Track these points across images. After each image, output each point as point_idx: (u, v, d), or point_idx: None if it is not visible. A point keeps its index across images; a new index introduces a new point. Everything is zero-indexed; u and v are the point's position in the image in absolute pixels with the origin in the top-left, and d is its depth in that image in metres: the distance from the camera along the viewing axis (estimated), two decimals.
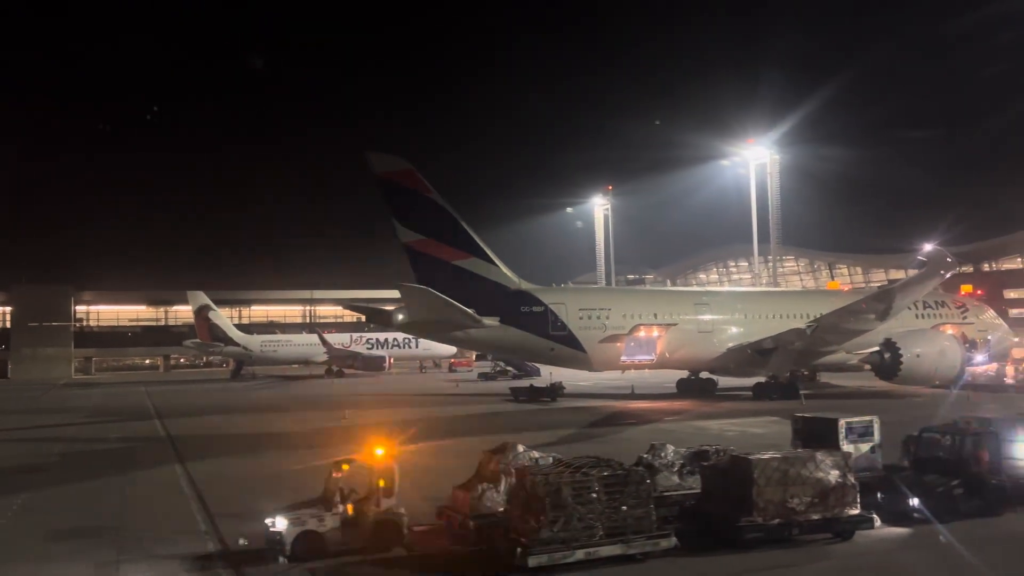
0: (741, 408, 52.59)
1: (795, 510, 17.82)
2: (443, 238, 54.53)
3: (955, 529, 19.06)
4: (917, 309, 65.91)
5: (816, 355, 59.10)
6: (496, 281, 55.82)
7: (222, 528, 21.08)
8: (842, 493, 18.20)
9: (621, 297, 60.42)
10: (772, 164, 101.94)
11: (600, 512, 16.54)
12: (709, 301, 61.77)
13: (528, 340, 55.61)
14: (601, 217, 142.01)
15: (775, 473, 17.88)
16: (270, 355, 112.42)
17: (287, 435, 43.28)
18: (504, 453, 20.17)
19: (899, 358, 55.25)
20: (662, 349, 58.26)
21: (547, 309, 55.74)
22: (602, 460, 17.70)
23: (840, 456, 18.70)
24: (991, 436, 20.85)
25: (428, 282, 53.64)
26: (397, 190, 53.92)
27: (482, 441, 38.33)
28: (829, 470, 18.23)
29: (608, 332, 56.76)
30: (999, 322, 69.74)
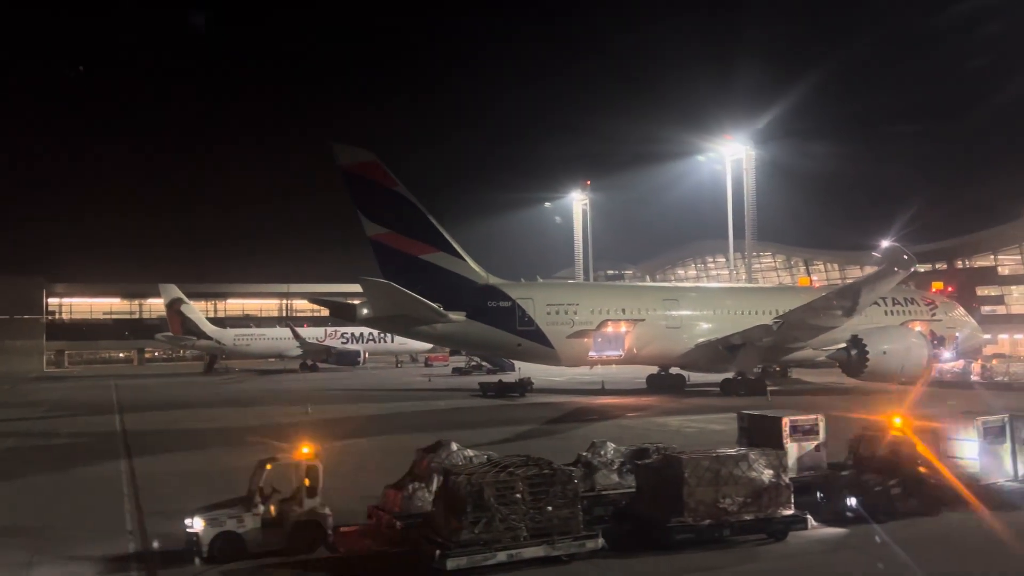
0: (706, 404, 52.38)
1: (727, 510, 17.48)
2: (409, 232, 53.88)
3: (891, 529, 18.81)
4: (887, 306, 66.09)
5: (785, 351, 59.08)
6: (463, 276, 55.26)
7: (150, 528, 20.49)
8: (776, 493, 17.88)
9: (589, 292, 60.07)
10: (748, 160, 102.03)
11: (524, 513, 16.11)
12: (678, 297, 61.60)
13: (495, 335, 55.14)
14: (579, 212, 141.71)
15: (707, 473, 17.53)
16: (243, 349, 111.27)
17: (245, 430, 42.58)
18: (437, 451, 19.71)
19: (866, 355, 55.27)
20: (630, 345, 57.98)
21: (514, 304, 55.27)
22: (532, 459, 17.28)
23: (774, 455, 18.37)
24: (927, 435, 20.62)
25: (394, 276, 52.96)
26: (362, 182, 53.19)
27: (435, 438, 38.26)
28: (762, 470, 17.91)
29: (576, 328, 56.39)
30: (967, 319, 70.03)
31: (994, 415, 21.78)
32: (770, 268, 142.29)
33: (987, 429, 21.20)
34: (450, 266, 54.90)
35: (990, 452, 21.21)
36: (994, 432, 21.33)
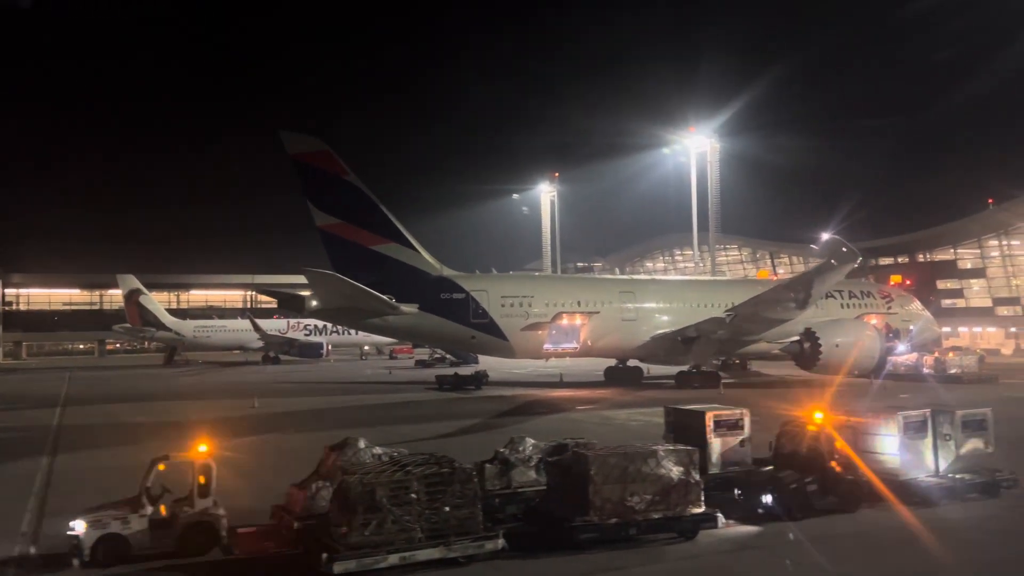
0: (659, 397, 51.99)
1: (634, 509, 17.02)
2: (360, 222, 53.00)
3: (805, 527, 18.50)
4: (842, 299, 66.46)
5: (739, 344, 59.10)
6: (417, 267, 54.54)
7: (47, 529, 19.60)
8: (685, 491, 17.45)
9: (544, 285, 59.53)
10: (712, 152, 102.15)
11: (419, 514, 15.52)
12: (634, 289, 61.29)
13: (448, 328, 54.50)
14: (547, 204, 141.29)
15: (614, 470, 17.05)
16: (203, 341, 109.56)
17: (184, 424, 41.52)
18: (344, 449, 19.03)
19: (818, 348, 55.38)
20: (586, 337, 57.62)
21: (468, 296, 54.66)
22: (433, 458, 16.68)
23: (684, 452, 17.93)
24: (848, 431, 20.32)
25: (344, 268, 52.15)
26: (312, 171, 52.22)
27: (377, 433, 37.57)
28: (672, 467, 17.47)
29: (530, 320, 55.93)
30: (923, 313, 70.55)
31: (915, 410, 21.53)
32: (736, 261, 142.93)
33: (908, 424, 20.94)
34: (403, 257, 54.15)
35: (911, 447, 20.96)
36: (915, 427, 21.08)
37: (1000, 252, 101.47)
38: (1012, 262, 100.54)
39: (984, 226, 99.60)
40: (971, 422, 21.48)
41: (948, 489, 20.54)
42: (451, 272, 56.21)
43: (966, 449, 21.33)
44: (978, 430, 21.53)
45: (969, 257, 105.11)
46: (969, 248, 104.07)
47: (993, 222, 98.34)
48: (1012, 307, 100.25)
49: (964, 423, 21.33)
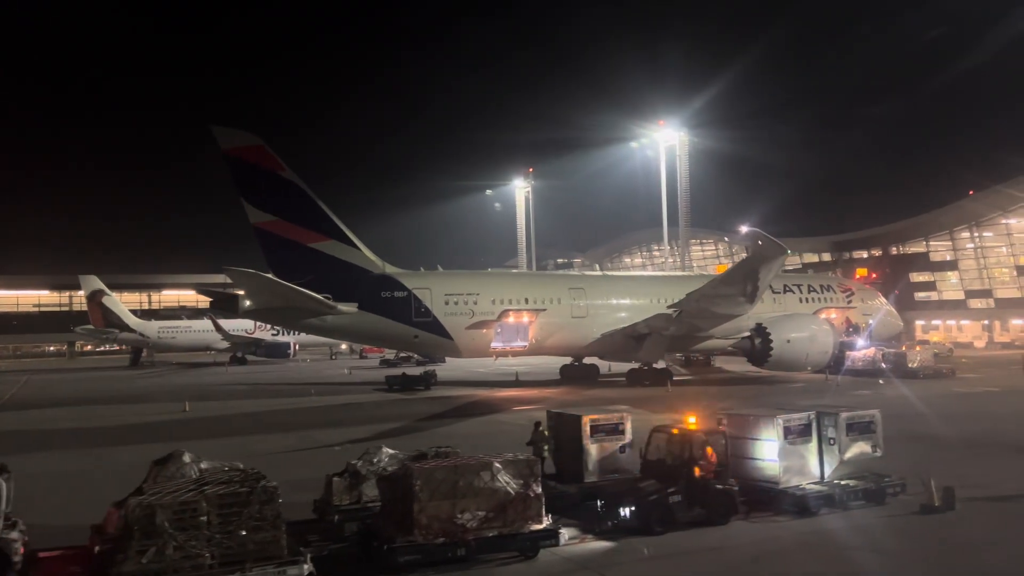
0: (606, 396, 50.95)
1: (465, 527, 15.63)
2: (297, 219, 51.43)
3: (664, 542, 17.16)
4: (801, 293, 65.22)
5: (693, 340, 57.65)
6: (357, 265, 53.03)
7: None
8: (524, 505, 16.07)
9: (491, 282, 57.93)
10: (682, 146, 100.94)
11: (209, 538, 14.09)
12: (584, 286, 59.80)
13: (389, 327, 52.99)
14: (522, 199, 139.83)
15: (441, 485, 15.66)
16: (168, 342, 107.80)
17: (107, 430, 40.46)
18: (166, 464, 17.59)
19: (769, 344, 54.23)
20: (534, 335, 56.20)
21: (410, 294, 53.20)
22: (240, 475, 15.25)
23: (524, 463, 16.54)
24: (719, 436, 18.98)
25: (280, 266, 50.72)
26: (245, 167, 50.59)
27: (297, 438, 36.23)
28: (509, 480, 16.08)
29: (476, 318, 54.48)
30: (884, 306, 69.33)
31: (799, 412, 20.20)
32: (713, 256, 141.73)
33: (789, 428, 19.60)
34: (342, 255, 52.62)
35: (792, 453, 19.63)
36: (797, 431, 19.74)
37: (972, 244, 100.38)
38: (984, 254, 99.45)
39: (956, 218, 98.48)
40: (857, 424, 20.17)
41: (828, 497, 19.20)
42: (393, 270, 54.73)
43: (852, 453, 20.03)
44: (865, 433, 20.23)
45: (941, 249, 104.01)
46: (941, 240, 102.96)
47: (965, 213, 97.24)
48: (984, 299, 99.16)
49: (849, 426, 20.01)
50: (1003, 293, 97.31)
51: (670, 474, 18.37)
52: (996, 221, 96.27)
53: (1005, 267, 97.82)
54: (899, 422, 35.24)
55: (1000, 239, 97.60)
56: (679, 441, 18.62)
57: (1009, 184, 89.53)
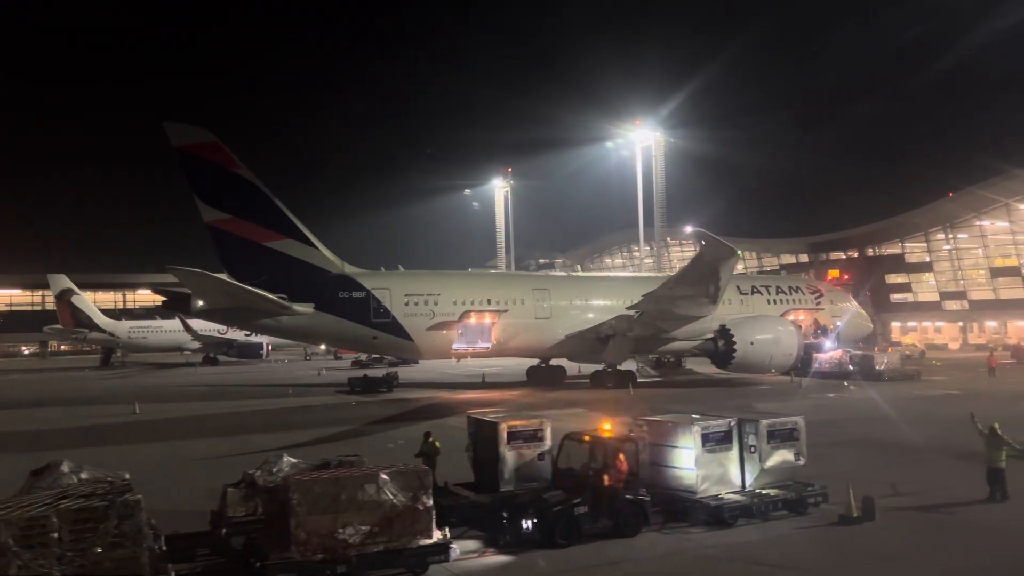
0: (567, 398, 50.27)
1: (347, 542, 14.77)
2: (252, 217, 50.44)
3: (566, 556, 16.36)
4: (770, 294, 64.72)
5: (659, 341, 56.96)
6: (315, 265, 52.04)
7: None
8: (412, 519, 15.22)
9: (452, 282, 56.97)
10: (657, 145, 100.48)
11: (60, 556, 13.18)
12: (549, 287, 58.99)
13: (347, 328, 52.02)
14: (501, 199, 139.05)
15: (321, 499, 14.78)
16: (139, 342, 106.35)
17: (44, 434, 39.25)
18: (43, 475, 16.62)
19: (732, 346, 53.65)
20: (497, 336, 55.38)
21: (369, 295, 52.26)
22: (103, 488, 14.34)
23: (413, 475, 15.67)
24: (631, 443, 18.19)
25: (235, 265, 49.84)
26: (198, 164, 49.56)
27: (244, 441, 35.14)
28: (396, 492, 15.23)
29: (437, 319, 53.60)
30: (854, 308, 68.88)
31: (720, 418, 19.44)
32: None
33: (707, 435, 18.84)
34: (300, 254, 51.63)
35: (711, 461, 18.87)
36: (716, 438, 18.98)
37: (947, 245, 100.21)
38: (958, 255, 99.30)
39: (931, 219, 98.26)
40: (779, 432, 19.44)
41: (745, 507, 18.44)
42: (353, 269, 53.78)
43: (773, 462, 19.29)
44: (787, 440, 19.49)
45: (917, 251, 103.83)
46: (917, 242, 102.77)
47: (940, 215, 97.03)
48: (959, 301, 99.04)
49: (770, 433, 19.27)
50: (977, 295, 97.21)
51: (579, 483, 17.56)
52: (971, 223, 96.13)
53: (979, 269, 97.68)
54: (851, 426, 34.93)
55: (975, 240, 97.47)
56: (588, 449, 17.82)
57: (983, 186, 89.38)
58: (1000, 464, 20.03)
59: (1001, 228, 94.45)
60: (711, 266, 44.52)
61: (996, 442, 20.25)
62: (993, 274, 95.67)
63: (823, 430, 33.50)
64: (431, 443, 21.33)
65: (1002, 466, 20.03)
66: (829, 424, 34.61)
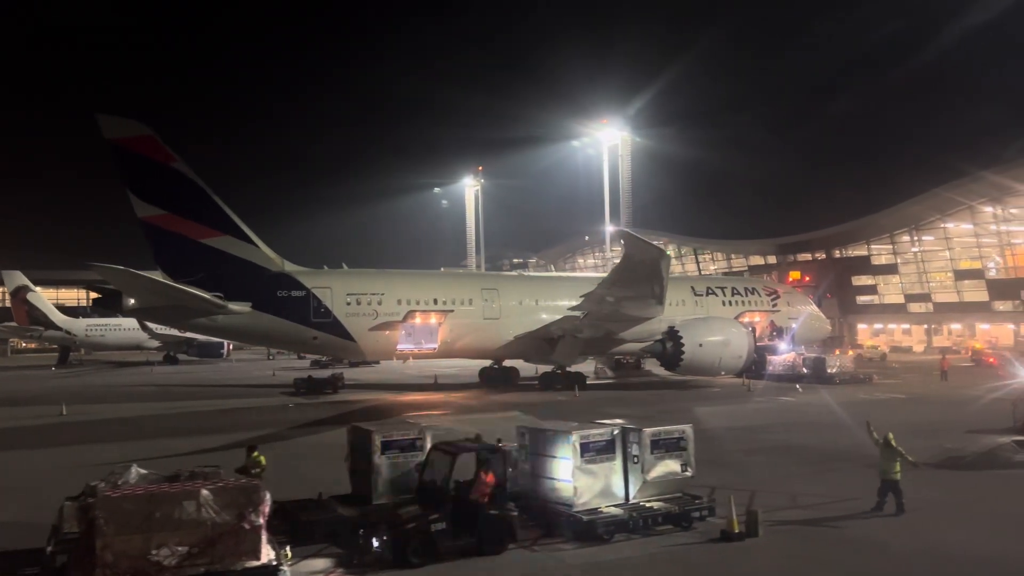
0: (510, 400, 49.23)
1: (161, 564, 13.53)
2: (189, 213, 48.85)
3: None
4: (725, 296, 63.89)
5: (612, 342, 55.83)
6: (253, 262, 50.50)
7: None
8: (237, 539, 13.99)
9: (397, 281, 55.55)
10: (624, 145, 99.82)
11: None
12: (498, 286, 57.77)
13: (286, 328, 50.51)
14: (472, 198, 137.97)
15: (133, 517, 13.54)
16: (97, 340, 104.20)
17: None
18: None
19: (681, 347, 52.72)
20: (444, 337, 54.12)
21: (309, 294, 50.84)
22: None
23: (239, 491, 14.44)
24: (498, 454, 17.03)
25: (170, 262, 48.29)
26: (132, 158, 47.90)
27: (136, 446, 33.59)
28: (220, 510, 14.00)
29: (380, 319, 52.27)
30: (811, 309, 68.24)
31: (602, 426, 18.34)
32: None
33: (587, 445, 17.72)
34: (238, 252, 50.09)
35: (591, 472, 17.75)
36: (598, 448, 17.87)
37: (912, 247, 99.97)
38: (923, 257, 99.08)
39: (897, 221, 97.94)
40: (664, 442, 18.35)
41: (623, 522, 17.32)
42: (293, 268, 52.35)
43: (657, 473, 18.21)
44: (673, 450, 18.42)
45: (882, 252, 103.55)
46: (883, 244, 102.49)
47: (905, 216, 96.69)
48: (924, 303, 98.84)
49: (654, 443, 18.19)
50: (941, 297, 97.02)
51: (440, 497, 16.40)
52: (935, 225, 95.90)
53: (944, 271, 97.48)
54: (779, 431, 33.91)
55: (939, 243, 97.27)
56: (452, 461, 16.66)
57: (948, 187, 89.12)
58: (893, 476, 19.09)
59: (965, 230, 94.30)
60: (645, 267, 43.56)
61: (890, 453, 19.30)
62: (957, 276, 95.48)
63: (749, 435, 32.68)
64: (255, 458, 19.83)
65: (896, 478, 19.09)
66: (758, 429, 33.73)
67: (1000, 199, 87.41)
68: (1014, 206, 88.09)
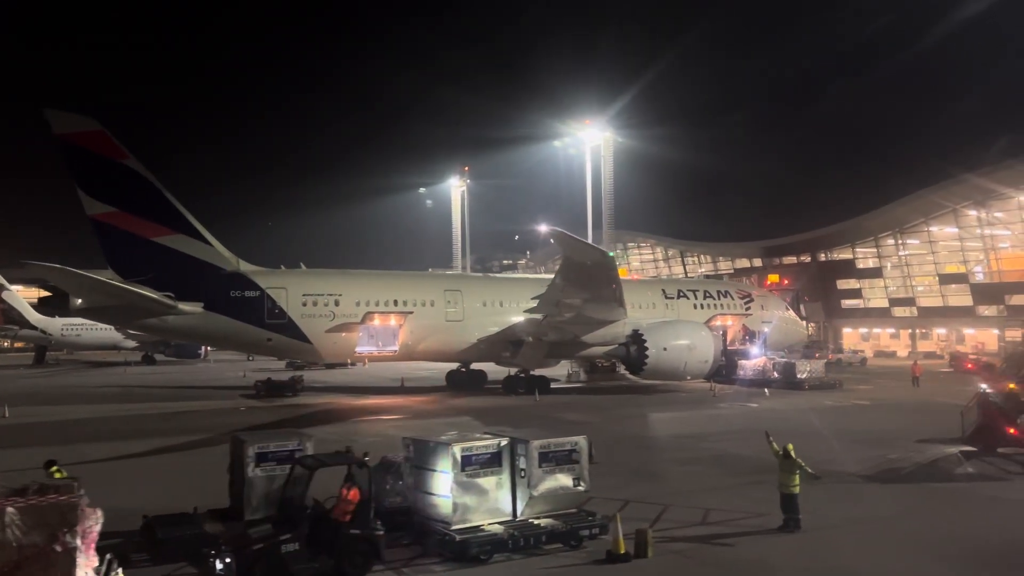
0: (467, 405, 48.00)
1: None
2: (140, 211, 47.61)
3: None
4: (696, 299, 62.66)
5: (574, 346, 54.48)
6: (207, 262, 49.25)
7: None
8: (46, 563, 12.72)
9: (356, 282, 54.20)
10: (606, 145, 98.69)
11: None
12: (461, 288, 56.50)
13: (239, 329, 49.21)
14: (458, 198, 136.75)
15: None
16: (73, 339, 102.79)
17: None
18: None
19: (644, 351, 51.46)
20: (404, 339, 52.85)
21: (263, 294, 49.58)
22: None
23: (52, 509, 13.11)
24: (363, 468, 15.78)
25: (120, 261, 47.07)
26: (81, 154, 46.70)
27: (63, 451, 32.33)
28: (27, 530, 12.71)
29: (337, 320, 51.02)
30: (785, 314, 66.96)
31: (488, 438, 17.11)
32: (650, 260, 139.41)
33: (468, 458, 16.49)
34: (190, 250, 48.81)
35: (473, 487, 16.52)
36: (481, 461, 16.64)
37: (897, 251, 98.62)
38: (907, 261, 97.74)
39: (882, 223, 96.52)
40: (555, 454, 17.11)
41: (500, 542, 16.07)
42: (248, 267, 51.09)
43: (546, 488, 16.97)
44: (564, 464, 17.18)
45: (867, 256, 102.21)
46: (867, 247, 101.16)
47: (890, 219, 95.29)
48: (908, 308, 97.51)
49: (543, 456, 16.95)
50: (925, 302, 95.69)
51: (298, 515, 15.16)
52: (920, 228, 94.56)
53: (928, 275, 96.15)
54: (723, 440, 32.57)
55: (923, 246, 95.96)
56: (309, 476, 15.42)
57: (932, 189, 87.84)
58: (792, 490, 17.88)
59: (950, 234, 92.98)
60: (589, 269, 42.53)
61: (789, 465, 18.09)
62: (941, 281, 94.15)
63: (692, 444, 31.46)
64: (52, 473, 18.12)
65: (795, 492, 17.88)
66: (705, 437, 32.53)
67: (984, 202, 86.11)
68: (998, 209, 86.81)
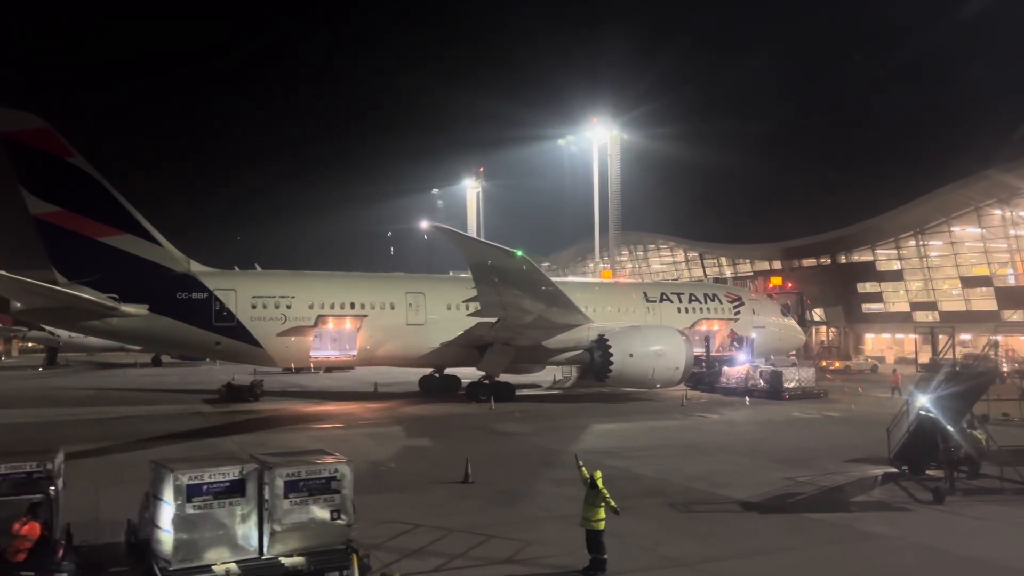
0: (420, 413, 45.97)
1: None
2: (86, 210, 46.53)
3: None
4: (681, 303, 59.42)
5: (541, 351, 51.79)
6: (156, 262, 47.94)
7: None
8: None
9: (310, 283, 52.29)
10: (612, 143, 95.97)
11: None
12: (425, 290, 54.18)
13: (186, 332, 47.71)
14: (473, 199, 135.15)
15: None
16: (80, 341, 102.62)
17: None
18: None
19: (609, 358, 48.55)
20: (362, 343, 50.86)
21: (211, 296, 48.07)
22: None
23: None
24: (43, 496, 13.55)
25: (65, 261, 46.11)
26: (25, 151, 45.82)
27: None
28: None
29: (289, 324, 49.27)
30: (777, 319, 63.12)
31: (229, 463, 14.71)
32: (670, 262, 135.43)
33: (199, 487, 14.09)
34: (138, 251, 47.52)
35: (207, 520, 14.11)
36: (216, 490, 14.21)
37: (917, 253, 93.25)
38: (928, 263, 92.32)
39: (901, 224, 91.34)
40: (308, 483, 14.62)
41: None
42: (199, 268, 49.67)
43: (295, 521, 14.48)
44: (321, 494, 14.68)
45: (887, 258, 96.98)
46: (887, 248, 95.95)
47: (910, 219, 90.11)
48: (930, 312, 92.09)
49: (291, 484, 14.49)
50: (948, 306, 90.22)
51: None
52: (941, 228, 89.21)
53: (950, 278, 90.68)
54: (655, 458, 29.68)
55: (945, 247, 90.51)
56: None
57: (952, 187, 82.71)
58: (596, 525, 15.11)
59: (972, 234, 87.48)
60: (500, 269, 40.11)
61: (593, 497, 15.33)
62: (964, 284, 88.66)
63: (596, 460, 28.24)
64: None
65: (599, 527, 15.09)
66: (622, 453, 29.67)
67: (1008, 200, 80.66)
68: (1023, 208, 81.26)
